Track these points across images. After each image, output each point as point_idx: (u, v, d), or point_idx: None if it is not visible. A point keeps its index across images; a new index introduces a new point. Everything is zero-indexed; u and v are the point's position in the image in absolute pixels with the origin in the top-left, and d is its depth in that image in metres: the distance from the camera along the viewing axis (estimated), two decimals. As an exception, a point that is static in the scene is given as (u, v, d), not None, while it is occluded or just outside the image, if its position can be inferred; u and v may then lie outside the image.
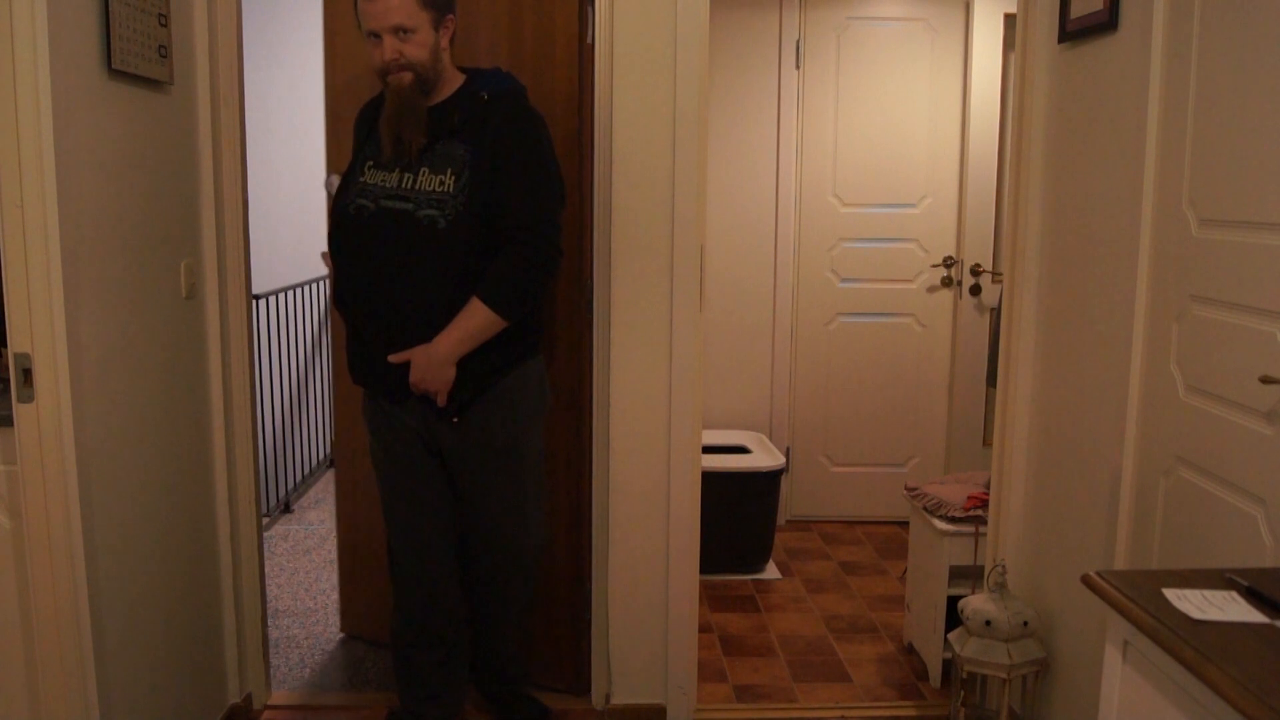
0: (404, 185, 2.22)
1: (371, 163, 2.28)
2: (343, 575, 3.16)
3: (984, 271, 4.20)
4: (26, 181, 1.82)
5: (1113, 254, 2.17)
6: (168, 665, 2.35)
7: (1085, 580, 1.46)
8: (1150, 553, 2.04)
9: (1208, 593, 1.36)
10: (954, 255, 4.24)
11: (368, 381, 2.37)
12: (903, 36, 4.13)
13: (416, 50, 2.17)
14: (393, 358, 2.24)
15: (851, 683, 3.00)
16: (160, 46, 2.23)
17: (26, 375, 1.88)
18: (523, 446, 2.40)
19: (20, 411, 1.89)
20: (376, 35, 2.16)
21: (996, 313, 4.04)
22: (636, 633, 2.73)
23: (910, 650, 3.17)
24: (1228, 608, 1.32)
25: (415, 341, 2.22)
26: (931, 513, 2.95)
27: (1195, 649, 1.21)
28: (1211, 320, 1.85)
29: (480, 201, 2.20)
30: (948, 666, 2.87)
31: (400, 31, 2.14)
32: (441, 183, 2.20)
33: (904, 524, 3.75)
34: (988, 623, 2.38)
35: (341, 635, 3.18)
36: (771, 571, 3.81)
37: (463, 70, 2.32)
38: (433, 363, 2.21)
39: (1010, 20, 3.95)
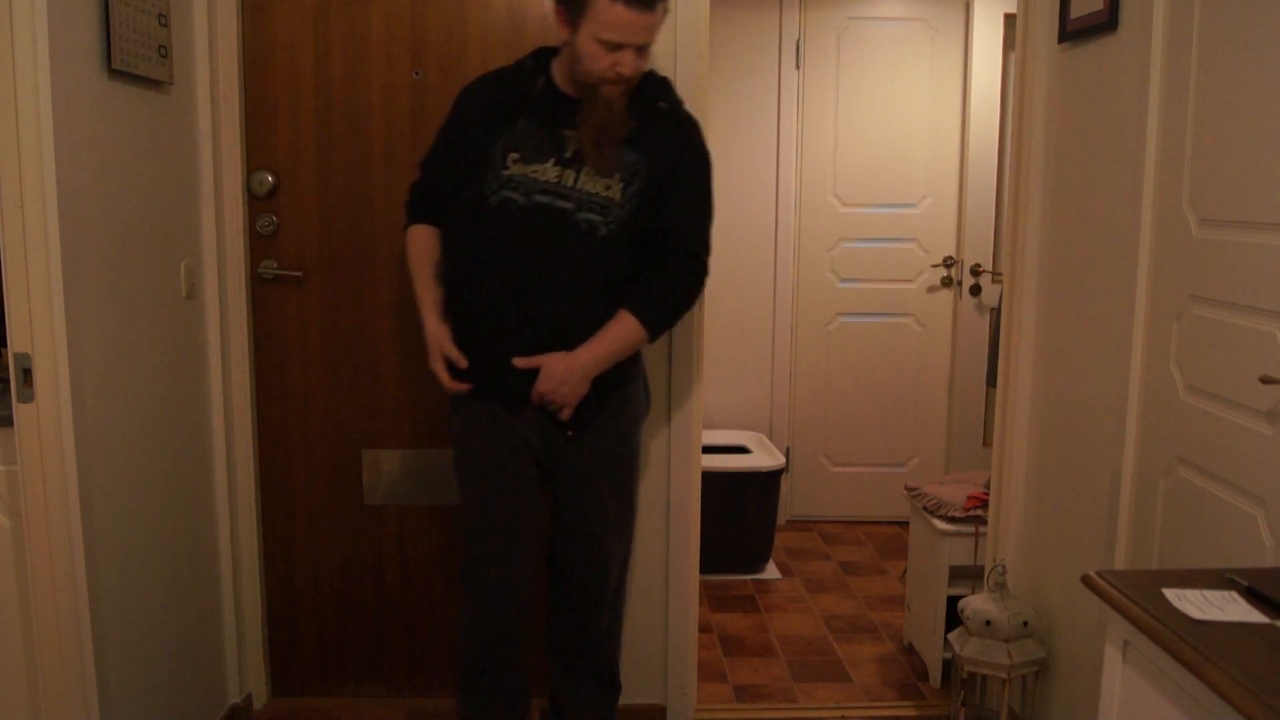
0: (564, 183, 2.07)
1: (516, 154, 2.10)
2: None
3: (984, 271, 4.20)
4: (26, 181, 1.82)
5: (1113, 254, 2.17)
6: (168, 665, 2.35)
7: (1085, 580, 1.46)
8: (1150, 553, 2.04)
9: (1208, 593, 1.36)
10: (954, 255, 4.24)
11: (483, 385, 2.18)
12: (903, 36, 4.13)
13: (643, 65, 2.05)
14: (521, 363, 2.10)
15: (851, 683, 3.00)
16: (160, 46, 2.23)
17: (26, 375, 1.88)
18: (633, 456, 2.32)
19: (20, 411, 1.89)
20: (619, 46, 1.99)
21: (996, 313, 4.04)
22: (636, 633, 2.73)
23: (910, 650, 3.17)
24: (1228, 608, 1.32)
25: (545, 348, 2.09)
26: (931, 513, 2.95)
27: (1195, 649, 1.21)
28: (1211, 320, 1.85)
29: (646, 214, 2.10)
30: (948, 666, 2.87)
31: (642, 48, 2.02)
32: (607, 187, 2.08)
33: (904, 524, 3.76)
34: (988, 623, 2.38)
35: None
36: (771, 571, 3.81)
37: None
38: (572, 374, 2.08)
39: (1010, 20, 3.95)
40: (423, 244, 2.28)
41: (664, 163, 2.12)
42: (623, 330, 2.12)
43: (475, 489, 2.27)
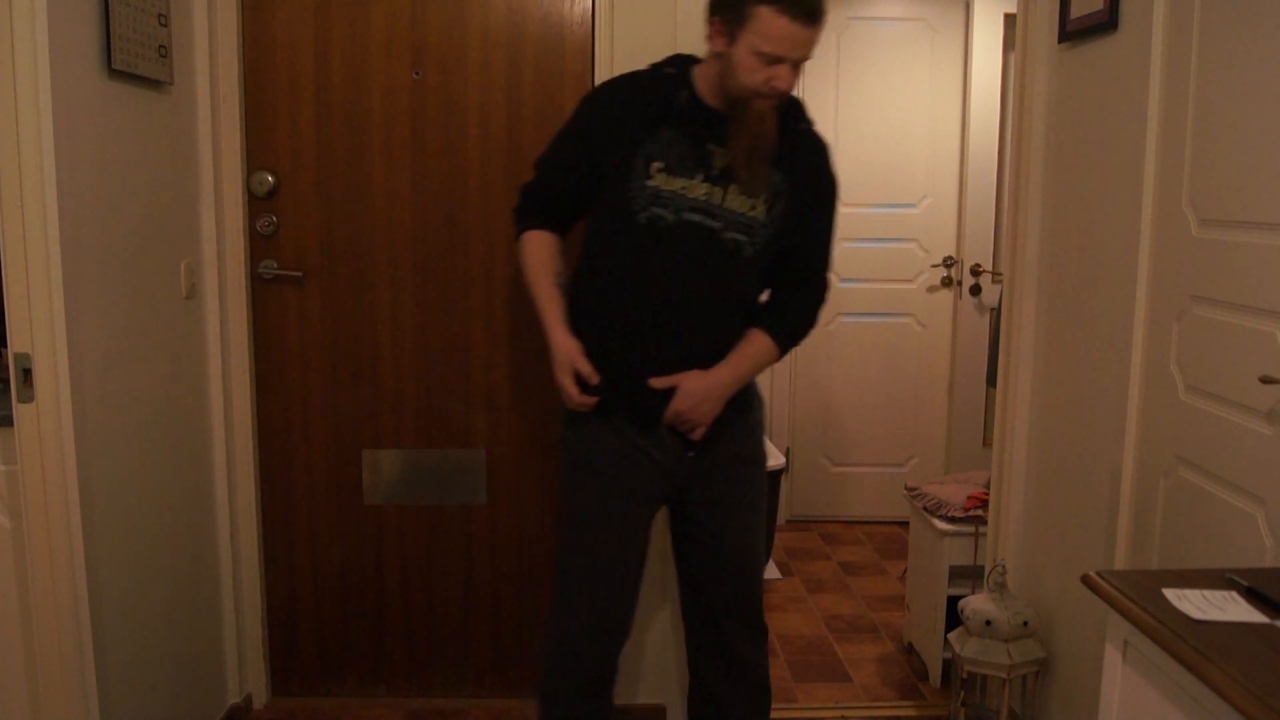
0: (712, 201, 2.02)
1: (660, 164, 2.02)
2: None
3: (984, 271, 4.20)
4: (26, 181, 1.82)
5: (1113, 254, 2.17)
6: (168, 665, 2.35)
7: (1085, 580, 1.46)
8: (1150, 553, 2.04)
9: (1208, 593, 1.36)
10: (954, 255, 4.24)
11: (617, 403, 2.11)
12: (903, 36, 4.13)
13: (796, 79, 1.99)
14: (658, 383, 2.05)
15: (851, 683, 3.00)
16: (160, 46, 2.23)
17: (26, 375, 1.88)
18: (763, 459, 2.26)
19: (20, 411, 1.89)
20: (778, 60, 1.92)
21: (996, 313, 4.04)
22: (637, 633, 2.73)
23: (910, 650, 3.17)
24: (1228, 608, 1.32)
25: (682, 367, 2.05)
26: (931, 513, 2.95)
27: (1195, 649, 1.21)
28: (1211, 320, 1.85)
29: (786, 235, 2.08)
30: (948, 666, 2.87)
31: (798, 63, 1.96)
32: (753, 207, 2.03)
33: (904, 524, 3.76)
34: (988, 623, 2.38)
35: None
36: (771, 571, 3.81)
37: None
38: (711, 394, 2.05)
39: (1010, 20, 3.95)
40: (542, 251, 2.17)
41: (805, 185, 2.09)
42: (757, 350, 2.11)
43: (594, 506, 2.17)
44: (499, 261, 2.67)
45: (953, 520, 2.88)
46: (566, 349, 2.09)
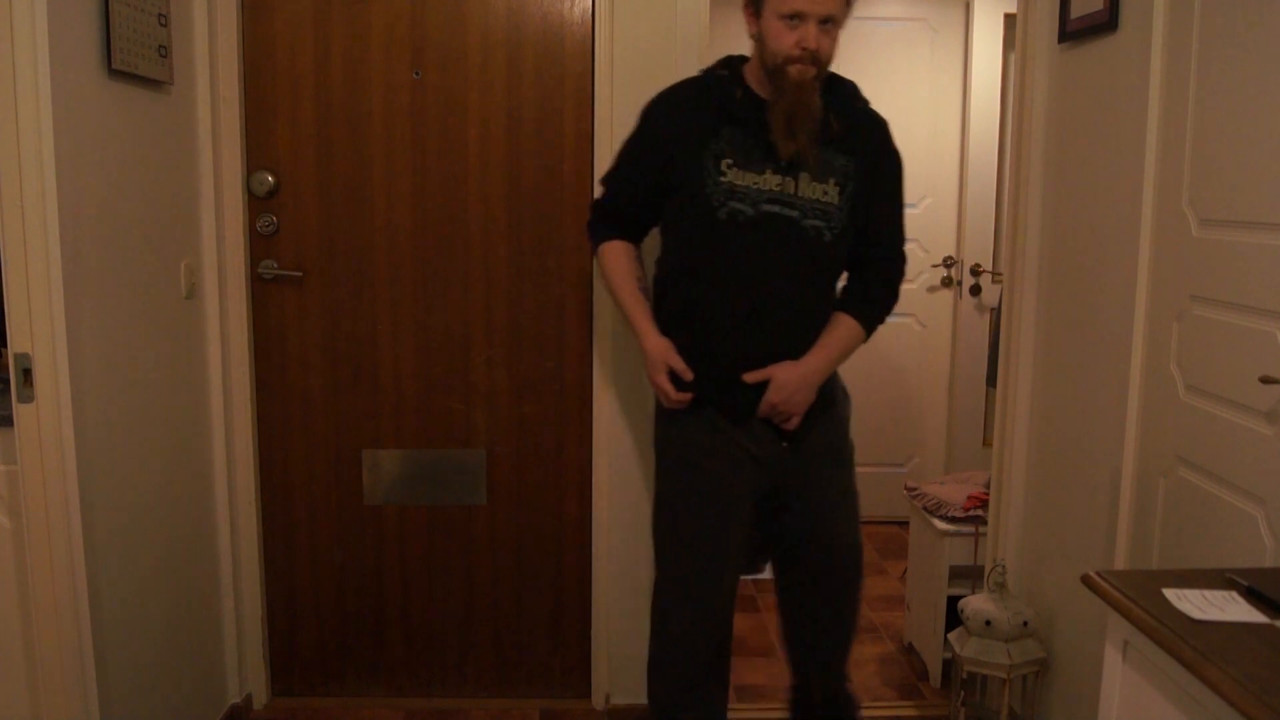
0: (786, 190, 2.06)
1: (729, 160, 2.06)
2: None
3: (984, 271, 4.20)
4: (26, 181, 1.82)
5: (1113, 254, 2.17)
6: (167, 664, 2.35)
7: (1085, 580, 1.46)
8: (1150, 553, 2.04)
9: (1208, 593, 1.36)
10: (954, 255, 4.24)
11: (711, 398, 2.14)
12: (903, 36, 4.12)
13: (830, 46, 2.00)
14: (751, 377, 2.08)
15: (851, 682, 2.99)
16: (160, 46, 2.23)
17: (26, 375, 1.88)
18: (852, 451, 2.30)
19: (20, 411, 1.89)
20: (799, 17, 1.95)
21: (996, 313, 4.04)
22: (637, 633, 2.73)
23: (910, 650, 3.17)
24: (1228, 608, 1.32)
25: (773, 358, 2.09)
26: (931, 513, 2.95)
27: (1195, 649, 1.21)
28: (1211, 320, 1.85)
29: (859, 217, 2.12)
30: (948, 666, 2.87)
31: (825, 22, 1.97)
32: (825, 192, 2.07)
33: (904, 524, 3.75)
34: (988, 623, 2.38)
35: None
36: (772, 572, 3.80)
37: None
38: (805, 382, 2.08)
39: (1010, 20, 3.95)
40: (621, 259, 2.24)
41: (870, 164, 2.13)
42: (845, 333, 2.15)
43: (692, 501, 2.20)
44: (499, 261, 2.67)
45: (953, 520, 2.87)
46: (659, 348, 2.14)
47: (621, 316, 2.32)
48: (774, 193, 2.05)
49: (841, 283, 2.24)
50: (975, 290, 4.21)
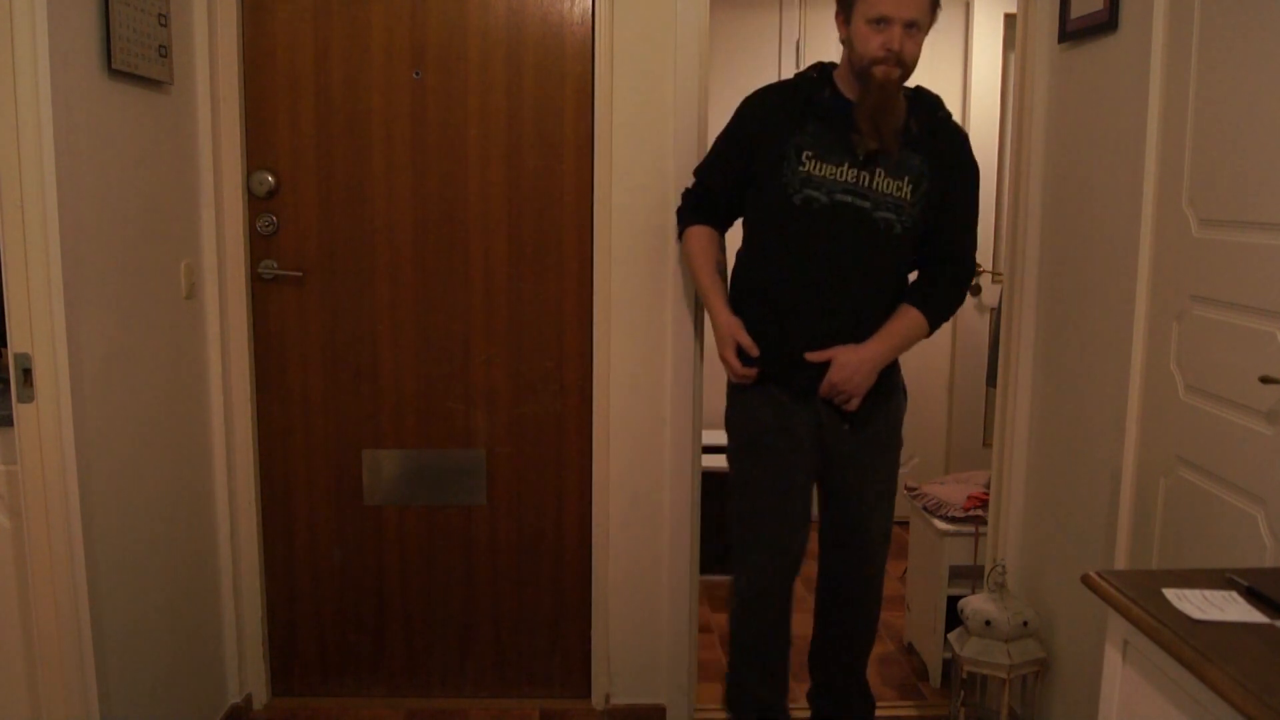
0: (861, 183, 2.18)
1: (810, 152, 2.18)
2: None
3: (984, 271, 4.20)
4: (26, 181, 1.82)
5: (1113, 254, 2.17)
6: (168, 665, 2.35)
7: (1085, 580, 1.46)
8: (1150, 553, 2.04)
9: (1208, 593, 1.36)
10: (954, 255, 4.24)
11: (779, 375, 2.26)
12: (903, 36, 4.12)
13: (914, 50, 2.12)
14: (813, 356, 2.21)
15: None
16: (160, 46, 2.23)
17: (26, 375, 1.88)
18: (899, 447, 2.41)
19: (20, 411, 1.89)
20: (885, 21, 2.07)
21: (996, 313, 4.04)
22: (636, 633, 2.73)
23: (910, 650, 3.17)
24: (1228, 608, 1.31)
25: (838, 341, 2.21)
26: (931, 513, 2.95)
27: (1195, 649, 1.21)
28: (1211, 320, 1.85)
29: (930, 216, 2.22)
30: (948, 666, 2.87)
31: (910, 26, 2.08)
32: (899, 189, 2.18)
33: (904, 524, 3.75)
34: (988, 623, 2.38)
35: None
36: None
37: None
38: (865, 364, 2.20)
39: (1010, 20, 3.95)
40: (703, 243, 2.39)
41: (946, 168, 2.23)
42: (909, 324, 2.24)
43: (757, 476, 2.33)
44: (499, 261, 2.67)
45: (953, 520, 2.87)
46: (729, 324, 2.28)
47: (698, 297, 2.51)
48: (849, 184, 2.17)
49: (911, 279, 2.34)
50: (975, 290, 4.21)
